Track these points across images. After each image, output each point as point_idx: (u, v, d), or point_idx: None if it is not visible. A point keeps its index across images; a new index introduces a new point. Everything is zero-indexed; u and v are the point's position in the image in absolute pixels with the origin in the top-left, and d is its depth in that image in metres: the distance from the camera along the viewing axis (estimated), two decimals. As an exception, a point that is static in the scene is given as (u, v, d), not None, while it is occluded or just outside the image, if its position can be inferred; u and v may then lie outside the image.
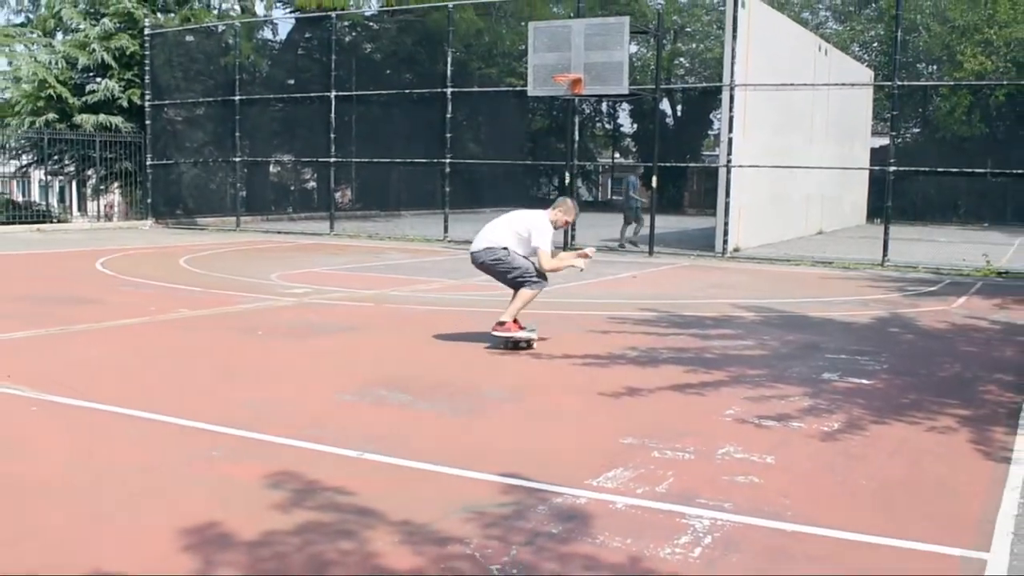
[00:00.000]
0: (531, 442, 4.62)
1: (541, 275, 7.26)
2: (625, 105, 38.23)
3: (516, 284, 7.23)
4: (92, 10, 23.96)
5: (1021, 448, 4.60)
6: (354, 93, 23.37)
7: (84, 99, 23.13)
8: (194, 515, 3.45)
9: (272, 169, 28.06)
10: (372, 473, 4.04)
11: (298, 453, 4.28)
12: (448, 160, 19.02)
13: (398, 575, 2.99)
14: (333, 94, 20.26)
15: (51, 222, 22.27)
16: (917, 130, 33.84)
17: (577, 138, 18.73)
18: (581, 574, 3.03)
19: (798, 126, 19.78)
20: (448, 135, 18.96)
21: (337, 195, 24.26)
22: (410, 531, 3.34)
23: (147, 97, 22.57)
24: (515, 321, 7.23)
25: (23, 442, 4.43)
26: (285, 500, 3.65)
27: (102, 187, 24.66)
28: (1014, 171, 24.20)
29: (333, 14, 21.80)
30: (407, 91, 24.52)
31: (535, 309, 7.52)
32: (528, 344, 7.13)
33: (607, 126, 41.47)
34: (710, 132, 38.58)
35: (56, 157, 23.84)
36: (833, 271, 14.43)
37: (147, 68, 22.46)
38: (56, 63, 23.16)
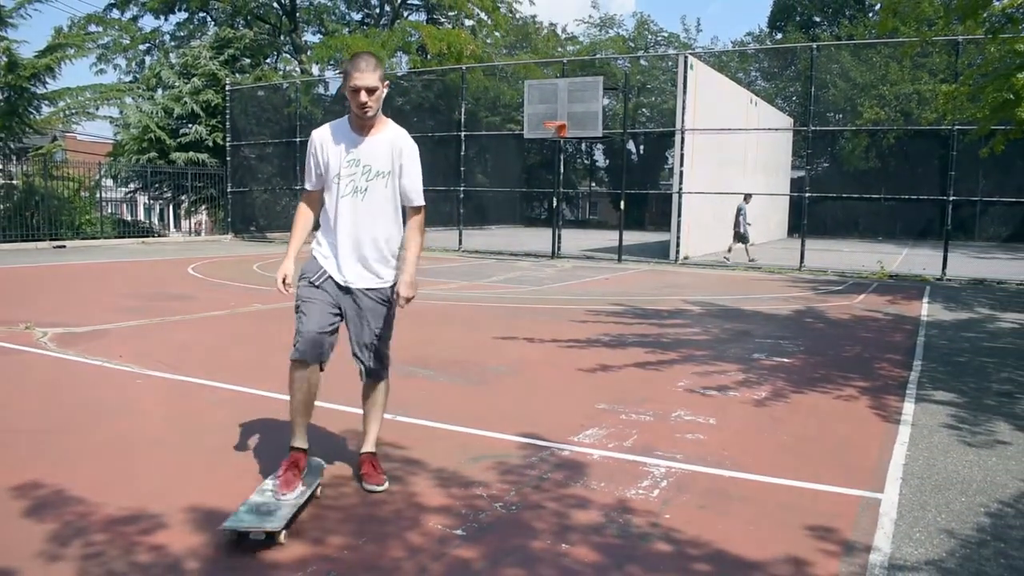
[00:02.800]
0: (527, 407, 4.62)
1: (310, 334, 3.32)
2: (599, 145, 38.36)
3: None
4: (184, 71, 24.19)
5: (908, 412, 4.62)
6: (388, 136, 23.29)
7: (178, 140, 23.22)
8: (268, 464, 3.45)
9: (324, 195, 28.06)
10: (409, 431, 4.03)
11: (351, 417, 4.28)
12: (462, 188, 19.02)
13: (433, 509, 3.01)
14: (372, 136, 20.24)
15: (152, 236, 22.25)
16: (827, 165, 33.85)
17: (562, 171, 18.71)
18: (570, 510, 3.04)
19: (734, 161, 19.77)
20: (462, 168, 18.94)
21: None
22: (441, 476, 3.36)
23: (227, 139, 22.61)
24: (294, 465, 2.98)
25: (130, 407, 4.44)
26: (348, 453, 3.66)
27: (192, 209, 24.67)
28: (901, 196, 24.31)
29: (372, 74, 21.80)
30: (430, 134, 24.48)
31: (532, 301, 7.40)
32: (271, 538, 2.62)
33: (585, 161, 41.59)
34: (665, 166, 38.60)
35: (156, 185, 23.82)
36: (761, 274, 14.43)
37: (227, 116, 22.49)
38: (156, 112, 23.21)
